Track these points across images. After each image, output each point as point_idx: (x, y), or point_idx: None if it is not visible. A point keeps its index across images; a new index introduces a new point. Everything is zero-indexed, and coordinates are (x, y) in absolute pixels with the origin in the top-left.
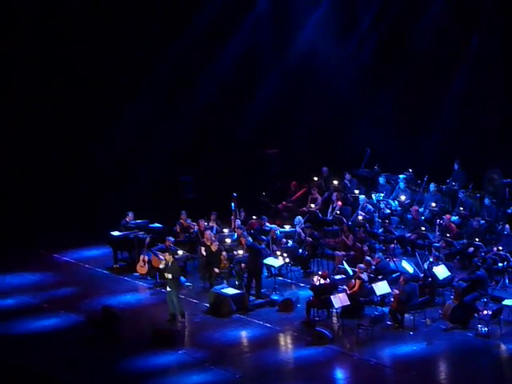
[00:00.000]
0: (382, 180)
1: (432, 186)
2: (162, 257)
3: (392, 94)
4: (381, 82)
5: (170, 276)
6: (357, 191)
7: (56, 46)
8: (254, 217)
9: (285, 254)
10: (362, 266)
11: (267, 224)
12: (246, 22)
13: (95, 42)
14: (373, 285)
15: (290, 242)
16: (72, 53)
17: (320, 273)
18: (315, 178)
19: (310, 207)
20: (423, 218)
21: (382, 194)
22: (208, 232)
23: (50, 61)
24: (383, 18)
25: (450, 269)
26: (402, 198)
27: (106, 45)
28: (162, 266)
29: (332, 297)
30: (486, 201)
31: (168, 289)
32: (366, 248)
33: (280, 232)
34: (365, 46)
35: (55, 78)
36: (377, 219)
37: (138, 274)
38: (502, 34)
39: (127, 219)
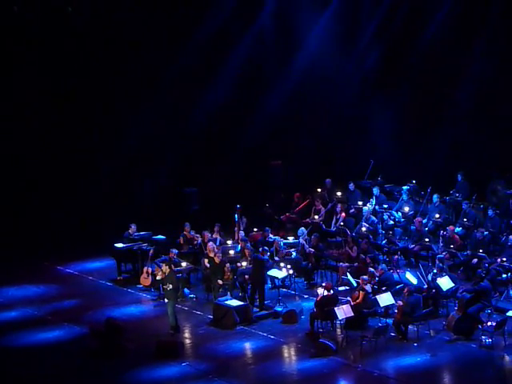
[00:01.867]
0: (375, 191)
1: (435, 197)
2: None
3: (396, 105)
4: (384, 94)
5: (170, 286)
6: (360, 202)
7: (60, 54)
8: (255, 229)
9: (288, 266)
10: (365, 277)
11: (271, 235)
12: (251, 33)
13: (100, 53)
14: (376, 296)
15: (294, 254)
16: (76, 62)
17: (324, 284)
18: (319, 190)
19: (314, 219)
20: (427, 229)
21: (386, 206)
22: (210, 244)
23: (53, 69)
24: (386, 30)
25: (453, 280)
26: (406, 209)
27: (111, 55)
28: (159, 278)
29: (336, 308)
30: (490, 212)
31: (166, 300)
32: (369, 259)
33: (283, 243)
34: (368, 58)
35: (58, 88)
36: (380, 230)
37: (141, 285)
38: (504, 46)
39: (130, 231)
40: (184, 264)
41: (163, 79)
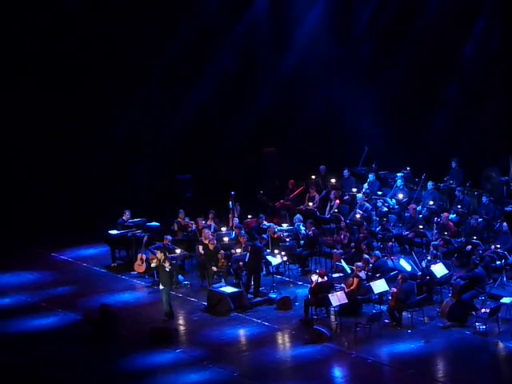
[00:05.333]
0: (371, 177)
1: (430, 184)
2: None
3: (390, 92)
4: (379, 80)
5: (169, 267)
6: (354, 189)
7: (53, 43)
8: (250, 216)
9: (283, 253)
10: (359, 264)
11: (265, 222)
12: (244, 21)
13: (93, 41)
14: (371, 283)
15: (287, 240)
16: (70, 51)
17: (318, 271)
18: (313, 177)
19: (308, 205)
20: (421, 216)
21: (380, 193)
22: (206, 230)
23: (47, 58)
24: (380, 18)
25: (447, 267)
26: (400, 196)
27: (103, 43)
28: (153, 265)
29: (330, 295)
30: (484, 199)
31: (161, 287)
32: (364, 246)
33: (278, 230)
34: (361, 44)
35: (52, 76)
36: (374, 217)
37: (135, 272)
38: (499, 33)
39: (124, 218)
40: (178, 251)
41: (156, 66)
